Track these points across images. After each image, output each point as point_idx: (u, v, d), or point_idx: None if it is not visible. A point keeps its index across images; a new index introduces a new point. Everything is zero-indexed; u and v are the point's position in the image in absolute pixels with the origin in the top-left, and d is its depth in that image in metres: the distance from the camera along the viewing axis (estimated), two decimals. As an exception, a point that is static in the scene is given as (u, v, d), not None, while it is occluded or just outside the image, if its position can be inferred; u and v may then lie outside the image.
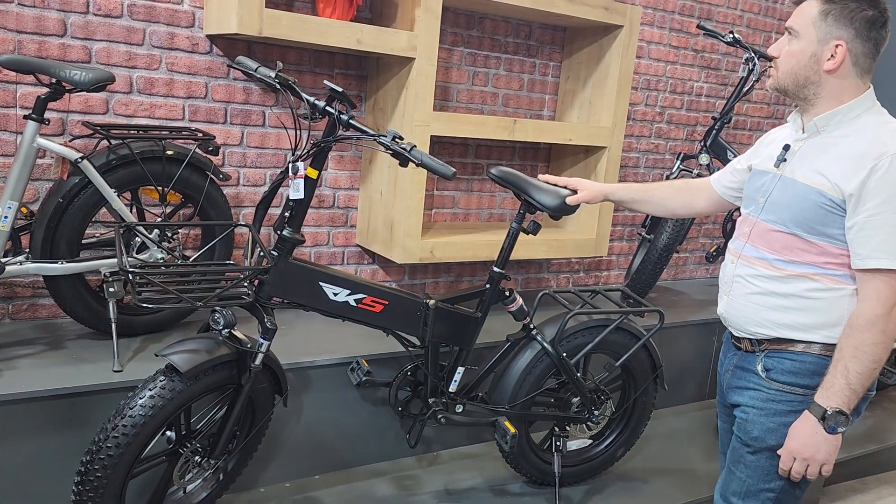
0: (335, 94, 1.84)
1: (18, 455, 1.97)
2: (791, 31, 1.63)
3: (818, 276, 1.64)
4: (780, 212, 1.67)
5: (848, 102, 1.61)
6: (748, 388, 1.76)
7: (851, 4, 1.56)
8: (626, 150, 3.75)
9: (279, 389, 2.10)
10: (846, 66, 1.59)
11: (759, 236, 1.73)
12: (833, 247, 1.62)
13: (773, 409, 1.70)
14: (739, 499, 1.77)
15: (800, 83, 1.64)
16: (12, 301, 2.47)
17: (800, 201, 1.63)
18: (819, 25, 1.58)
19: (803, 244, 1.64)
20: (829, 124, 1.64)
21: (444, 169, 1.81)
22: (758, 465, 1.74)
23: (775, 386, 1.70)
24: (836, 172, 1.58)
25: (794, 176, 1.66)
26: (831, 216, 1.59)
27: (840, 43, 1.57)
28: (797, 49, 1.62)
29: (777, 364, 1.70)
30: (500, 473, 2.61)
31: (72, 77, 2.04)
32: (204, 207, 2.41)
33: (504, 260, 2.23)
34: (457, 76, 3.18)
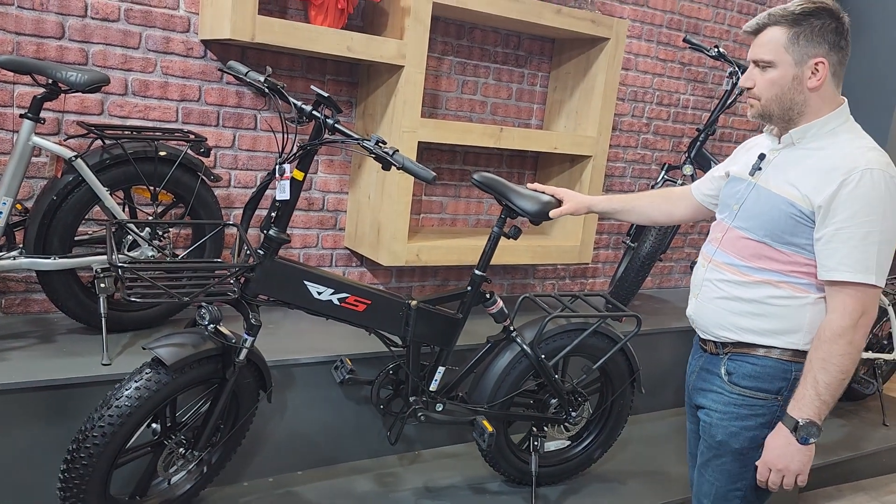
0: (321, 98, 1.91)
1: (9, 444, 2.03)
2: (761, 63, 1.66)
3: (782, 283, 1.69)
4: (752, 220, 1.71)
5: (824, 116, 1.65)
6: (711, 391, 1.81)
7: (817, 22, 1.60)
8: (612, 160, 3.83)
9: (263, 385, 2.15)
10: (827, 83, 1.63)
11: (729, 243, 1.77)
12: (800, 256, 1.66)
13: (734, 413, 1.75)
14: (710, 500, 1.83)
15: (786, 106, 1.66)
16: (5, 296, 2.53)
17: (771, 211, 1.67)
18: (792, 49, 1.61)
19: (772, 252, 1.69)
20: (805, 136, 1.68)
21: (424, 172, 1.88)
22: (724, 469, 1.79)
23: (736, 390, 1.75)
24: (806, 184, 1.62)
25: (768, 185, 1.70)
26: (800, 226, 1.64)
27: (820, 60, 1.60)
28: (777, 76, 1.64)
29: (738, 368, 1.75)
30: (480, 473, 2.67)
31: (68, 78, 2.11)
32: (194, 207, 2.47)
33: (485, 263, 2.30)
34: (446, 84, 3.25)
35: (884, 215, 1.56)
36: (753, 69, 1.68)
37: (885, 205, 1.56)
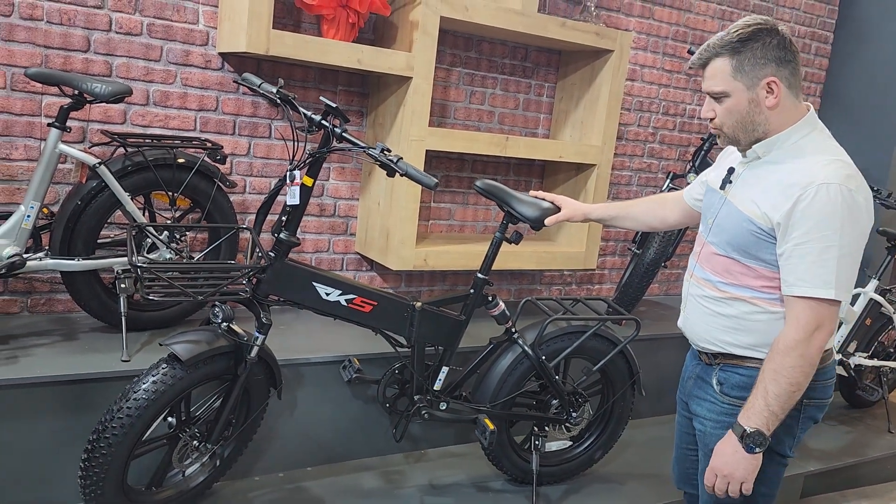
0: (330, 109, 2.02)
1: (33, 435, 2.14)
2: (714, 95, 1.66)
3: (755, 299, 1.71)
4: (722, 235, 1.75)
5: (786, 129, 1.65)
6: (705, 400, 1.84)
7: (756, 44, 1.59)
8: (618, 169, 3.90)
9: (274, 382, 2.25)
10: (784, 97, 1.63)
11: (705, 258, 1.81)
12: (768, 270, 1.68)
13: (726, 422, 1.76)
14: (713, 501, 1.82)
15: (750, 129, 1.66)
16: (31, 296, 2.65)
17: (735, 227, 1.70)
18: (740, 76, 1.61)
19: (741, 268, 1.72)
20: (770, 150, 1.68)
21: (426, 179, 1.97)
22: None
23: (727, 400, 1.78)
24: (765, 202, 1.64)
25: (734, 201, 1.72)
26: (763, 243, 1.66)
27: (771, 79, 1.60)
28: (733, 104, 1.64)
29: (728, 378, 1.78)
30: (483, 471, 2.75)
31: (93, 89, 2.23)
32: (210, 212, 2.59)
33: (487, 267, 2.38)
34: (455, 95, 3.35)
35: (841, 229, 1.55)
36: (710, 101, 1.69)
37: (842, 218, 1.55)
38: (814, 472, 3.19)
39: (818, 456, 3.31)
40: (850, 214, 1.56)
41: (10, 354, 2.26)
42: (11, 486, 2.13)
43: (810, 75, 4.57)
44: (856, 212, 1.56)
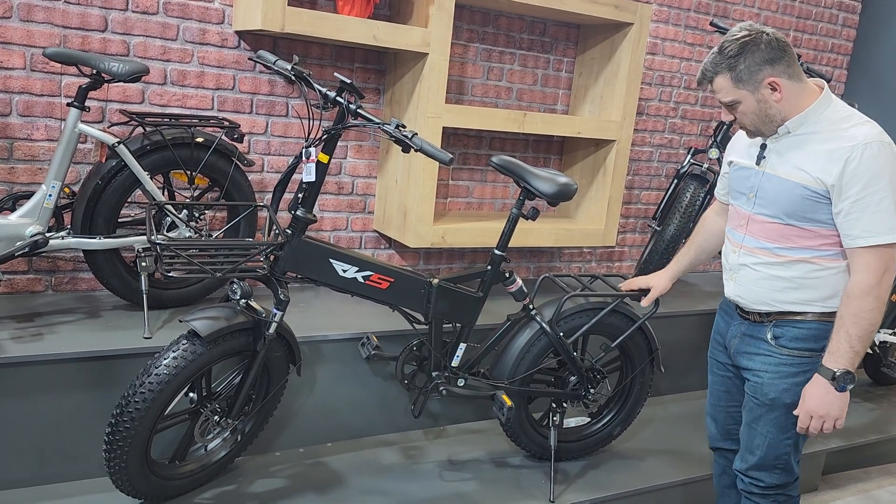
0: (345, 85, 2.01)
1: (58, 410, 2.19)
2: (726, 105, 1.87)
3: (815, 258, 1.87)
4: (772, 206, 1.89)
5: (811, 105, 1.83)
6: (759, 354, 1.99)
7: (746, 54, 1.77)
8: (639, 145, 3.86)
9: (293, 359, 2.28)
10: (788, 88, 1.80)
11: (756, 228, 1.95)
12: (824, 230, 1.84)
13: (784, 371, 1.95)
14: (762, 450, 2.03)
15: (768, 121, 1.84)
16: (55, 274, 2.70)
17: (787, 195, 1.85)
18: (742, 85, 1.80)
19: (798, 231, 1.87)
20: (800, 126, 1.84)
21: (441, 155, 1.96)
22: (777, 421, 1.99)
23: (785, 351, 1.95)
24: (814, 167, 1.80)
25: (776, 172, 1.88)
26: (818, 205, 1.82)
27: (770, 79, 1.78)
28: (745, 108, 1.84)
29: (785, 332, 1.94)
30: (502, 448, 2.76)
31: (110, 68, 2.24)
32: (229, 190, 2.60)
33: (504, 243, 2.37)
34: (472, 71, 3.32)
35: (891, 180, 1.74)
36: (724, 108, 1.89)
37: (890, 170, 1.74)
38: (836, 449, 3.17)
39: (841, 433, 3.28)
40: (894, 165, 1.74)
41: (36, 332, 2.30)
42: (39, 460, 2.18)
43: (837, 47, 4.47)
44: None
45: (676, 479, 2.68)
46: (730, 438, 2.24)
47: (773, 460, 2.03)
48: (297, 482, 2.38)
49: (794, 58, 1.81)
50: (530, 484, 2.52)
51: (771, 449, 2.02)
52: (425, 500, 2.35)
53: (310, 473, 2.45)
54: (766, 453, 2.02)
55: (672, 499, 2.68)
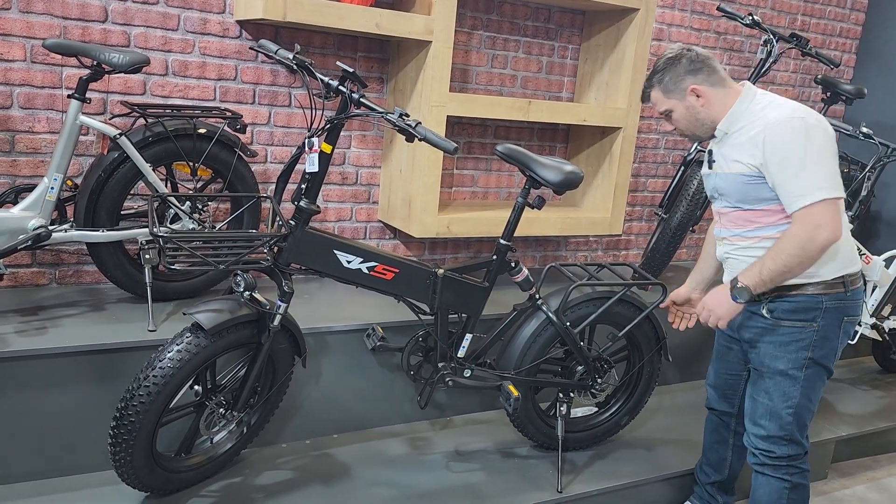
0: (347, 74, 1.98)
1: (63, 403, 2.18)
2: (663, 114, 2.16)
3: (776, 233, 2.03)
4: (729, 197, 2.12)
5: (733, 106, 2.06)
6: (756, 327, 2.15)
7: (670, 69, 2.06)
8: (645, 132, 3.82)
9: (298, 350, 2.26)
10: (710, 93, 2.05)
11: (726, 220, 2.17)
12: (775, 205, 2.01)
13: (778, 340, 2.10)
14: (766, 420, 2.15)
15: (699, 125, 2.11)
16: (59, 267, 2.69)
17: (734, 186, 2.07)
18: (670, 94, 2.09)
19: (756, 213, 2.06)
20: (730, 125, 2.07)
21: (445, 143, 1.94)
22: (775, 388, 2.13)
23: (778, 323, 2.09)
24: (744, 155, 2.02)
25: (723, 170, 2.12)
26: (759, 186, 2.01)
27: (693, 87, 2.05)
28: (678, 115, 2.12)
29: (778, 306, 2.09)
30: (509, 438, 2.75)
31: (110, 59, 2.22)
32: (232, 182, 2.58)
33: (510, 233, 2.35)
34: (476, 59, 3.29)
35: (804, 146, 1.90)
36: (664, 118, 2.18)
37: (801, 138, 1.91)
38: (845, 437, 3.15)
39: (849, 421, 3.26)
40: (806, 133, 1.91)
41: (40, 325, 2.29)
42: (44, 454, 2.18)
43: (845, 31, 4.41)
44: (810, 129, 1.92)
45: (684, 469, 2.66)
46: (726, 401, 2.42)
47: (779, 430, 2.13)
48: (304, 474, 2.38)
49: (715, 68, 2.07)
50: (537, 474, 2.51)
51: (774, 418, 2.13)
52: (432, 491, 2.35)
53: (316, 465, 2.44)
54: (769, 423, 2.14)
55: (680, 488, 2.67)
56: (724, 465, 2.49)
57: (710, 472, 2.52)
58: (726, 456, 2.48)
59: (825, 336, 2.07)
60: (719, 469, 2.50)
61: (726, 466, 2.49)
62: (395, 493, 2.32)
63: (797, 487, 2.18)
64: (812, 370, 2.09)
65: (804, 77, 4.32)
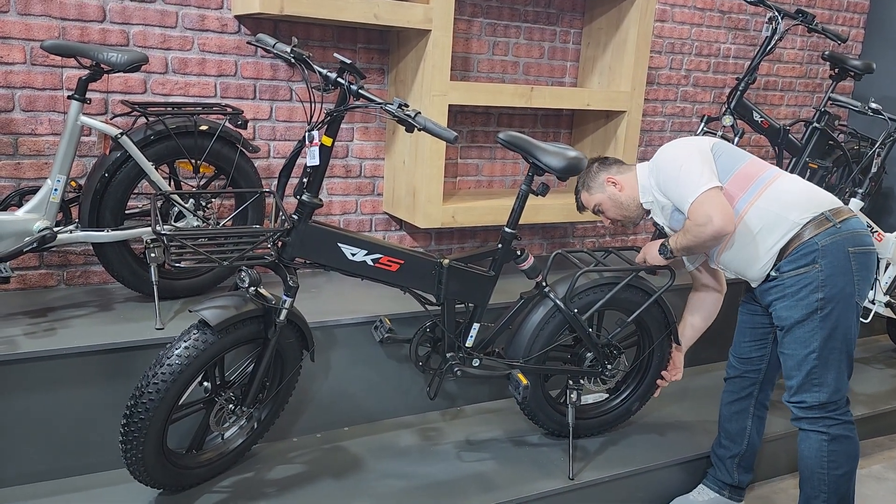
0: (345, 66, 1.97)
1: (73, 403, 2.19)
2: (596, 213, 2.46)
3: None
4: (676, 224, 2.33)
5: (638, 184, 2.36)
6: (773, 287, 2.22)
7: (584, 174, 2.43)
8: (650, 115, 3.79)
9: (306, 345, 2.26)
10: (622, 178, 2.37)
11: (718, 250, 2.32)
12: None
13: (789, 291, 2.15)
14: (795, 370, 2.18)
15: (625, 208, 2.38)
16: (67, 268, 2.70)
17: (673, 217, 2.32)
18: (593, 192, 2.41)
19: None
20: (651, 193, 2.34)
21: (445, 133, 1.92)
22: (795, 338, 2.16)
23: (785, 276, 2.16)
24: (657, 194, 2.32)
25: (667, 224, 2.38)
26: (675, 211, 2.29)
27: (607, 178, 2.38)
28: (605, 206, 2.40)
29: (781, 265, 2.17)
30: (520, 426, 2.74)
31: (109, 59, 2.22)
32: (235, 178, 2.58)
33: (515, 221, 2.34)
34: (477, 47, 3.26)
35: (674, 156, 2.19)
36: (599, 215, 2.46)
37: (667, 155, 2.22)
38: (861, 417, 3.12)
39: (865, 400, 3.23)
40: (671, 148, 2.23)
41: (49, 326, 2.30)
42: (57, 454, 2.20)
43: (853, 5, 4.34)
44: (674, 146, 2.22)
45: (697, 453, 2.65)
46: (748, 364, 2.47)
47: (806, 377, 2.15)
48: (316, 467, 2.38)
49: (619, 160, 2.46)
50: (549, 462, 2.51)
51: (800, 367, 2.16)
52: (444, 482, 2.35)
53: (328, 458, 2.45)
54: (797, 373, 2.17)
55: (693, 472, 2.66)
56: (743, 434, 2.50)
57: (729, 444, 2.52)
58: (746, 425, 2.49)
59: (832, 273, 2.09)
60: (738, 440, 2.50)
61: (745, 436, 2.50)
62: (407, 485, 2.32)
63: (837, 439, 2.16)
64: (828, 308, 2.10)
65: (811, 54, 4.26)
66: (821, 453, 2.18)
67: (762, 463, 2.81)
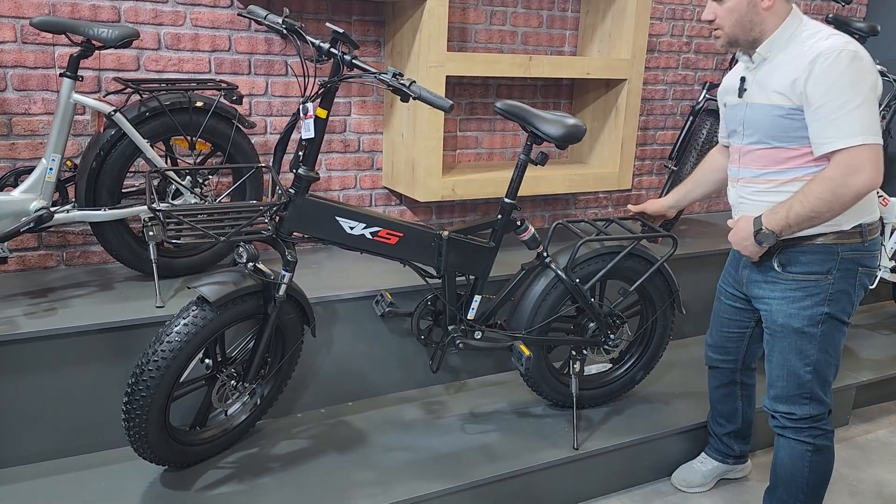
0: (338, 36, 1.93)
1: (76, 382, 2.19)
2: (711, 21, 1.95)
3: (805, 176, 1.90)
4: (757, 132, 1.96)
5: (779, 28, 1.89)
6: (767, 282, 2.04)
7: None
8: (651, 83, 3.73)
9: (307, 320, 2.25)
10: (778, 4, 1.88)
11: (748, 159, 2.02)
12: (808, 146, 1.87)
13: (791, 297, 2.00)
14: (785, 381, 2.06)
15: (747, 28, 1.90)
16: (66, 249, 2.69)
17: (767, 119, 1.91)
18: None
19: (786, 152, 1.92)
20: (772, 49, 1.91)
21: (440, 101, 1.89)
22: (791, 348, 2.03)
23: (791, 277, 1.99)
24: (783, 85, 1.86)
25: (756, 100, 1.95)
26: (795, 122, 1.86)
27: None
28: (734, 4, 1.89)
29: (790, 258, 1.98)
30: (524, 398, 2.74)
31: (99, 35, 2.19)
32: (231, 154, 2.55)
33: (514, 191, 2.31)
34: (474, 17, 3.21)
35: (851, 84, 1.76)
36: (712, 4, 1.94)
37: (850, 75, 1.76)
38: (866, 383, 3.11)
39: (870, 366, 3.22)
40: (856, 71, 1.77)
41: (49, 307, 2.30)
42: (60, 433, 2.20)
43: (857, -33, 4.26)
44: (860, 69, 1.77)
45: (701, 421, 2.64)
46: (728, 356, 2.37)
47: (798, 389, 2.04)
48: (320, 442, 2.39)
49: None
50: (553, 433, 2.50)
51: (792, 378, 2.04)
52: (449, 454, 2.35)
53: (332, 433, 2.45)
54: (787, 383, 2.05)
55: (697, 441, 2.65)
56: (736, 414, 2.47)
57: (724, 422, 2.50)
58: (736, 406, 2.45)
59: (841, 289, 1.96)
60: (732, 419, 2.48)
61: (739, 416, 2.47)
62: (412, 457, 2.32)
63: (820, 450, 2.10)
64: (829, 325, 1.99)
65: (814, 17, 4.19)
66: (803, 463, 2.10)
67: (762, 432, 2.80)
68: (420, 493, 2.13)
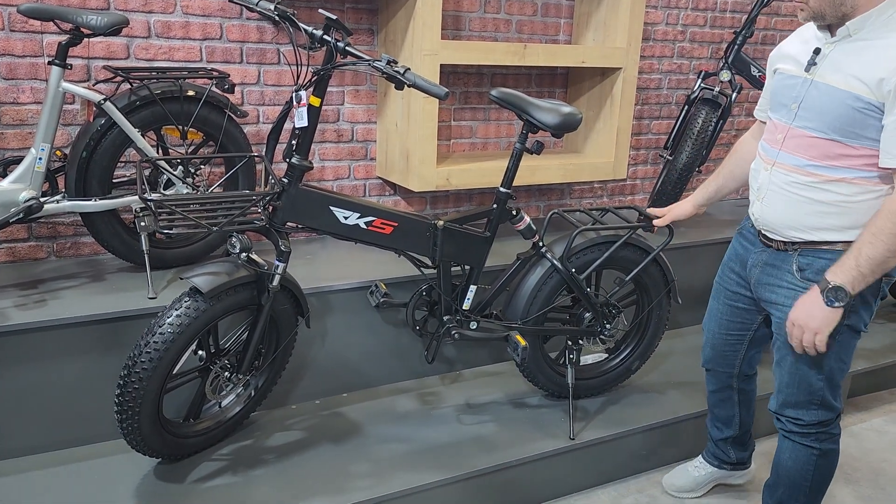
0: (331, 22, 1.91)
1: (67, 374, 2.17)
2: None
3: (858, 179, 1.69)
4: (817, 118, 1.70)
5: (880, 5, 1.62)
6: (782, 287, 1.86)
7: None
8: (646, 72, 3.71)
9: (301, 311, 2.23)
10: None
11: (795, 144, 1.77)
12: (872, 150, 1.65)
13: None
14: (795, 387, 1.91)
15: (838, 3, 1.65)
16: (56, 240, 2.66)
17: (837, 106, 1.66)
18: None
19: (843, 149, 1.68)
20: (863, 27, 1.65)
21: (435, 89, 1.87)
22: (803, 358, 1.86)
23: (810, 285, 1.76)
24: (870, 76, 1.61)
25: (827, 80, 1.69)
26: (869, 118, 1.63)
27: None
28: None
29: (812, 264, 1.79)
30: (520, 389, 2.73)
31: (88, 22, 2.15)
32: (224, 144, 2.52)
33: (509, 181, 2.29)
34: (468, 4, 3.18)
35: None
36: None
37: None
38: (861, 371, 3.12)
39: (866, 355, 3.22)
40: None
41: (40, 299, 2.27)
42: (53, 425, 2.18)
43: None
44: None
45: (696, 411, 2.64)
46: (725, 362, 2.23)
47: (808, 396, 1.90)
48: (315, 434, 2.37)
49: None
50: (550, 423, 2.50)
51: (803, 385, 1.89)
52: (444, 445, 2.34)
53: (327, 424, 2.43)
54: (798, 390, 1.91)
55: (692, 431, 2.65)
56: (733, 420, 2.34)
57: (722, 427, 2.37)
58: (734, 412, 2.32)
59: (865, 301, 1.78)
60: (730, 424, 2.35)
61: (736, 422, 2.34)
62: (407, 448, 2.31)
63: (827, 454, 1.97)
64: (846, 335, 1.82)
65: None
66: (808, 466, 1.98)
67: (765, 422, 2.79)
68: (415, 485, 2.12)
